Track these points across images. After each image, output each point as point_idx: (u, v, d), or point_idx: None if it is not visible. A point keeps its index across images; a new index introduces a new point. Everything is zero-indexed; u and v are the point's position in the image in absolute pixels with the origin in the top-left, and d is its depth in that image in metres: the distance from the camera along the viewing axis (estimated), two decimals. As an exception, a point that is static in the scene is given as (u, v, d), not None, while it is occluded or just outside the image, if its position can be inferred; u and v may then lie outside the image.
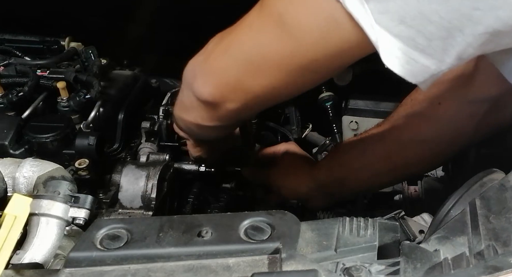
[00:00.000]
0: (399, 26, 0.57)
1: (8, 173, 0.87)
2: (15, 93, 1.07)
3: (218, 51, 0.77)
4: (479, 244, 0.62)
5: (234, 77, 0.76)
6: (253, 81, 0.74)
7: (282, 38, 0.66)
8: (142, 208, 0.93)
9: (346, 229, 0.69)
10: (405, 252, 0.64)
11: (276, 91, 0.75)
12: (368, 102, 1.43)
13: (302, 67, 0.69)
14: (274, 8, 0.66)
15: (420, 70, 0.60)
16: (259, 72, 0.72)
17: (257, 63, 0.72)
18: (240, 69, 0.74)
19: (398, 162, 1.05)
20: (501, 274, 0.55)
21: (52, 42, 1.32)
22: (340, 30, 0.61)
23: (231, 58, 0.75)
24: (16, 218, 0.66)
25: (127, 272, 0.62)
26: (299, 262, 0.61)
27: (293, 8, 0.64)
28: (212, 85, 0.79)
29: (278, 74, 0.71)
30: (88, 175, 0.95)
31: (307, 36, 0.64)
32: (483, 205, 0.66)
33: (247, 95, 0.77)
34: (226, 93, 0.78)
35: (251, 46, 0.72)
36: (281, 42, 0.67)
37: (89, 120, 1.07)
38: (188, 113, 0.90)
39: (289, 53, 0.67)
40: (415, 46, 0.58)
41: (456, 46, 0.58)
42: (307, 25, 0.64)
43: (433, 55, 0.59)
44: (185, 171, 1.14)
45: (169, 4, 1.34)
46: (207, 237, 0.65)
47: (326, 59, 0.67)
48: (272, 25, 0.67)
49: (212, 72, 0.79)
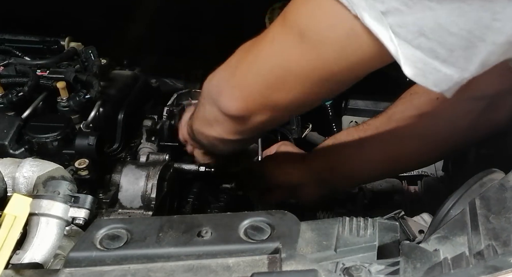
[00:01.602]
0: (419, 38, 0.57)
1: (8, 173, 0.87)
2: (15, 93, 1.07)
3: (244, 66, 0.79)
4: (479, 244, 0.62)
5: (260, 92, 0.78)
6: (278, 95, 0.76)
7: (304, 52, 0.68)
8: (142, 208, 0.93)
9: (346, 229, 0.69)
10: (404, 252, 0.64)
11: (300, 102, 0.78)
12: (368, 102, 1.44)
13: (324, 79, 0.70)
14: (295, 23, 0.68)
15: (443, 79, 0.60)
16: (284, 86, 0.74)
17: (281, 76, 0.74)
18: (265, 83, 0.76)
19: (392, 154, 1.07)
20: (501, 274, 0.55)
21: (52, 42, 1.32)
22: (360, 43, 0.62)
23: (256, 72, 0.77)
24: (16, 218, 0.66)
25: (127, 272, 0.62)
26: (299, 262, 0.61)
27: (314, 23, 0.65)
28: (239, 100, 0.81)
29: (302, 86, 0.73)
30: (88, 175, 0.95)
31: (328, 50, 0.66)
32: (483, 205, 0.66)
33: (273, 108, 0.79)
34: (252, 107, 0.80)
35: (275, 60, 0.73)
36: (304, 56, 0.68)
37: (89, 120, 1.07)
38: (212, 128, 0.91)
39: (312, 67, 0.69)
40: (437, 56, 0.58)
41: (479, 54, 0.58)
42: (328, 40, 0.65)
43: (455, 64, 0.59)
44: (185, 171, 1.14)
45: (169, 4, 1.35)
46: (207, 237, 0.65)
47: (347, 70, 0.68)
48: (294, 40, 0.68)
49: (238, 88, 0.81)
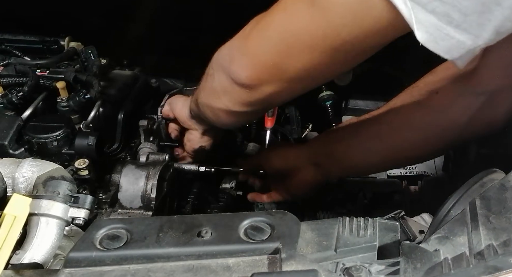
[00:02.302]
0: (434, 2, 0.57)
1: (7, 173, 0.87)
2: (15, 93, 1.07)
3: (255, 34, 0.78)
4: (479, 244, 0.62)
5: (270, 59, 0.77)
6: (288, 63, 0.75)
7: (314, 18, 0.68)
8: (142, 208, 0.93)
9: (346, 229, 0.69)
10: (405, 252, 0.64)
11: (310, 73, 0.77)
12: (368, 102, 1.44)
13: (334, 47, 0.69)
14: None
15: (455, 46, 0.59)
16: (293, 53, 0.73)
17: (292, 44, 0.73)
18: (276, 51, 0.75)
19: (388, 144, 1.07)
20: (501, 274, 0.55)
21: (51, 42, 1.32)
22: (373, 9, 0.62)
23: (267, 40, 0.76)
24: (16, 218, 0.66)
25: (127, 272, 0.62)
26: (299, 262, 0.61)
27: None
28: (250, 68, 0.80)
29: (312, 55, 0.72)
30: (87, 175, 0.95)
31: (339, 16, 0.65)
32: (483, 205, 0.66)
33: (283, 77, 0.78)
34: (263, 75, 0.79)
35: (286, 27, 0.73)
36: (314, 22, 0.68)
37: (89, 120, 1.07)
38: (219, 99, 0.90)
39: (322, 34, 0.68)
40: (450, 21, 0.57)
41: (494, 20, 0.57)
42: (339, 6, 0.64)
43: (469, 30, 0.58)
44: (185, 171, 1.14)
45: (169, 4, 1.34)
46: (207, 237, 0.65)
47: (358, 39, 0.67)
48: (305, 6, 0.68)
49: (249, 55, 0.80)
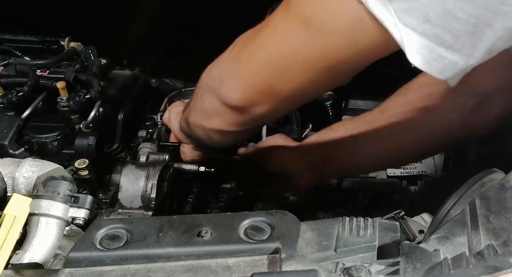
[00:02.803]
0: (424, 25, 0.56)
1: (7, 173, 0.87)
2: (15, 93, 1.07)
3: (245, 56, 0.78)
4: (479, 244, 0.62)
5: (263, 82, 0.76)
6: (281, 84, 0.75)
7: (309, 40, 0.67)
8: (142, 208, 0.93)
9: (346, 229, 0.69)
10: (405, 252, 0.64)
11: (304, 92, 0.77)
12: (368, 102, 1.44)
13: (329, 67, 0.70)
14: (299, 11, 0.67)
15: (448, 66, 0.60)
16: (287, 75, 0.73)
17: (286, 66, 0.72)
18: (268, 73, 0.75)
19: (384, 147, 1.08)
20: (501, 274, 0.55)
21: (51, 42, 1.32)
22: (366, 30, 0.61)
23: (259, 63, 0.75)
24: (16, 218, 0.66)
25: (127, 272, 0.62)
26: (299, 262, 0.61)
27: (319, 10, 0.65)
28: (242, 90, 0.79)
29: (306, 76, 0.72)
30: (88, 175, 0.95)
31: (333, 37, 0.65)
32: (483, 205, 0.66)
33: (276, 98, 0.78)
34: (255, 97, 0.79)
35: (278, 50, 0.72)
36: (308, 44, 0.68)
37: (89, 120, 1.07)
38: (210, 119, 0.90)
39: (317, 55, 0.68)
40: (442, 43, 0.57)
41: (486, 40, 0.57)
42: (333, 27, 0.64)
43: (461, 50, 0.58)
44: (185, 171, 1.14)
45: (169, 4, 1.34)
46: (207, 237, 0.65)
47: (352, 58, 0.67)
48: (298, 28, 0.67)
49: (241, 78, 0.79)
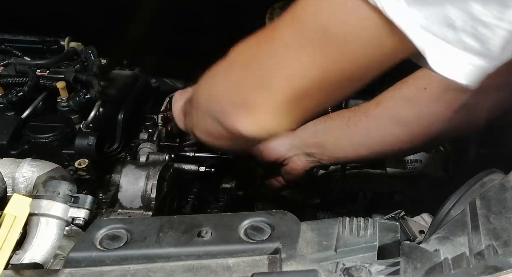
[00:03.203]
0: (448, 31, 0.54)
1: (7, 173, 0.87)
2: (15, 93, 1.07)
3: (252, 81, 0.69)
4: (479, 244, 0.62)
5: (277, 109, 0.68)
6: (298, 107, 0.68)
7: (327, 53, 0.61)
8: (142, 208, 0.93)
9: (346, 229, 0.69)
10: (405, 252, 0.64)
11: (321, 107, 0.72)
12: (368, 102, 1.43)
13: (348, 78, 0.65)
14: (313, 23, 0.61)
15: (474, 71, 0.57)
16: (305, 97, 0.66)
17: (303, 88, 0.65)
18: (284, 99, 0.67)
19: (376, 139, 1.09)
20: (502, 274, 0.55)
21: (51, 42, 1.32)
22: (383, 38, 0.57)
23: (271, 89, 0.67)
24: (16, 218, 0.66)
25: (127, 272, 0.62)
26: (299, 262, 0.61)
27: (333, 21, 0.59)
28: (251, 123, 0.71)
29: (326, 92, 0.67)
30: (87, 175, 0.95)
31: (353, 47, 0.60)
32: (483, 205, 0.66)
33: (290, 121, 0.71)
34: (268, 126, 0.71)
35: (294, 72, 0.65)
36: (327, 58, 0.62)
37: (89, 120, 1.06)
38: (217, 140, 0.82)
39: (337, 68, 0.63)
40: (466, 48, 0.55)
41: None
42: (350, 37, 0.59)
43: (487, 54, 0.55)
44: (185, 171, 1.14)
45: (169, 4, 1.34)
46: (207, 237, 0.65)
47: (372, 67, 0.63)
48: (313, 41, 0.61)
49: (249, 108, 0.70)
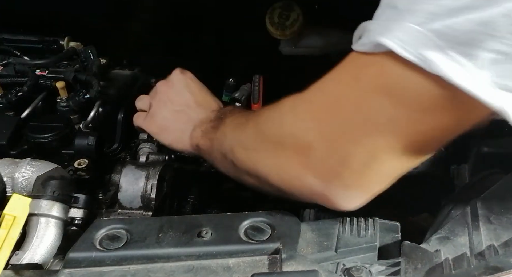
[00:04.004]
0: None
1: (7, 173, 0.86)
2: (14, 93, 1.07)
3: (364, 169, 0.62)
4: (480, 244, 0.62)
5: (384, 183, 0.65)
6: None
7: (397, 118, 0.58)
8: (142, 208, 0.93)
9: (346, 230, 0.69)
10: (405, 253, 0.64)
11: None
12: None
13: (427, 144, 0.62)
14: (383, 86, 0.57)
15: None
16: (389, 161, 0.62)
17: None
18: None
19: None
20: (502, 274, 0.55)
21: (51, 41, 1.31)
22: (457, 105, 0.55)
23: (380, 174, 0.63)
24: (16, 218, 0.66)
25: (126, 273, 0.62)
26: (300, 262, 0.61)
27: (405, 82, 0.55)
28: (360, 199, 0.65)
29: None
30: (87, 175, 0.94)
31: (424, 115, 0.57)
32: (484, 205, 0.66)
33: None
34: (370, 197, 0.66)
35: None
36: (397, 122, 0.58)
37: (89, 120, 1.06)
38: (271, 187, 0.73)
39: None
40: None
41: None
42: (423, 105, 0.56)
43: None
44: (185, 171, 1.13)
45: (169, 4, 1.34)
46: (207, 237, 0.65)
47: (445, 133, 0.60)
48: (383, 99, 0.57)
49: (358, 189, 0.64)
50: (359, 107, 0.59)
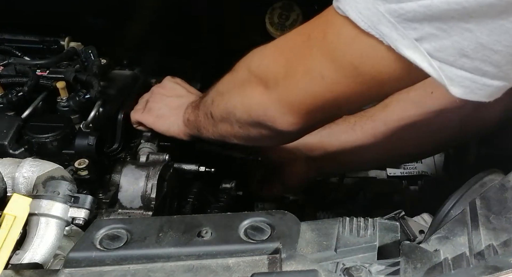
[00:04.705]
0: (461, 59, 0.56)
1: (7, 173, 0.86)
2: (15, 93, 1.07)
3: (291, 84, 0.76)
4: (479, 244, 0.62)
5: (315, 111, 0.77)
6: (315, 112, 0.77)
7: (354, 86, 0.68)
8: (142, 208, 0.93)
9: (346, 229, 0.69)
10: (405, 252, 0.64)
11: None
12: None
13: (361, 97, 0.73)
14: (345, 60, 0.66)
15: (495, 91, 0.59)
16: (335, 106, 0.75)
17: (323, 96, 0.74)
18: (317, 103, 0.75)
19: (382, 143, 1.09)
20: (502, 274, 0.55)
21: (51, 42, 1.32)
22: (398, 70, 0.62)
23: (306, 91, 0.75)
24: (16, 218, 0.66)
25: (126, 273, 0.62)
26: (299, 262, 0.61)
27: (362, 60, 0.65)
28: (295, 117, 0.78)
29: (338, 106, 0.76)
30: (87, 175, 0.95)
31: (372, 81, 0.66)
32: (483, 205, 0.66)
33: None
34: (311, 122, 0.80)
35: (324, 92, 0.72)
36: (353, 89, 0.69)
37: (89, 120, 1.06)
38: (259, 141, 0.92)
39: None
40: (484, 73, 0.57)
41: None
42: (367, 71, 0.65)
43: (505, 77, 0.57)
44: (185, 171, 1.13)
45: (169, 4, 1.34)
46: (207, 237, 0.65)
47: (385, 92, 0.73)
48: (345, 75, 0.68)
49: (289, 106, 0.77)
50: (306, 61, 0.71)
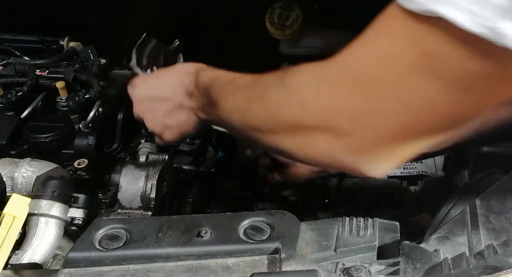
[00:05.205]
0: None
1: (7, 173, 0.86)
2: (14, 93, 1.07)
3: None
4: (479, 244, 0.62)
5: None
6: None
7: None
8: (142, 208, 0.93)
9: (345, 229, 0.69)
10: (405, 252, 0.64)
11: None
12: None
13: None
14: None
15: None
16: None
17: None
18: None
19: None
20: (501, 274, 0.55)
21: (51, 41, 1.31)
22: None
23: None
24: (15, 218, 0.66)
25: (126, 272, 0.62)
26: (299, 262, 0.61)
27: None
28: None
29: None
30: (87, 175, 0.95)
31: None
32: (483, 205, 0.66)
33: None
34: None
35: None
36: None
37: (88, 120, 1.06)
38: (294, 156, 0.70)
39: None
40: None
41: None
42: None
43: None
44: (185, 171, 1.13)
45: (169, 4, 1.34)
46: (206, 237, 0.65)
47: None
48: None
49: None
50: (393, 86, 0.54)
